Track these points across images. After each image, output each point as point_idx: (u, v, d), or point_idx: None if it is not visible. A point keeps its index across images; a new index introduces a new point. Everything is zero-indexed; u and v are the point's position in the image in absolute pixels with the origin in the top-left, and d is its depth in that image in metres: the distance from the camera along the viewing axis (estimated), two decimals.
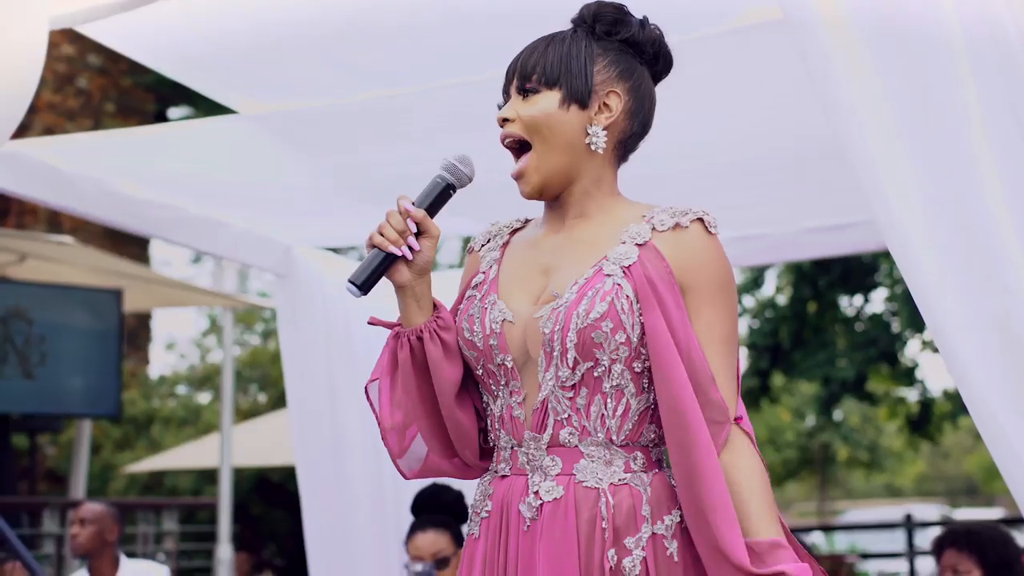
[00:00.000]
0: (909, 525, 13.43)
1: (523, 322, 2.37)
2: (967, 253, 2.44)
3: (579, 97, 2.38)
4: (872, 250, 6.60)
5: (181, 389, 18.17)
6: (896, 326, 16.20)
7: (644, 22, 2.49)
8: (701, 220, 2.35)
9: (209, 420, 15.56)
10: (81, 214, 4.86)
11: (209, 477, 14.61)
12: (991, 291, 2.41)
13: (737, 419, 2.29)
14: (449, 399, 2.40)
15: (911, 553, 13.20)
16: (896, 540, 16.11)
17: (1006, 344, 2.42)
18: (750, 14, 3.59)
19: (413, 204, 2.38)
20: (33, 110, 13.68)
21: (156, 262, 21.29)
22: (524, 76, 2.41)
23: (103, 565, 6.21)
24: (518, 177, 2.41)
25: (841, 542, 20.67)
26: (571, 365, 2.30)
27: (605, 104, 2.41)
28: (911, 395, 17.66)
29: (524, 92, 2.40)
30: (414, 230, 2.35)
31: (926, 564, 13.25)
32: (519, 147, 2.42)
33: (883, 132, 2.50)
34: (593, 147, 2.40)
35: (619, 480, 2.30)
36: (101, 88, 15.49)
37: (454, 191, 2.42)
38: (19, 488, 12.12)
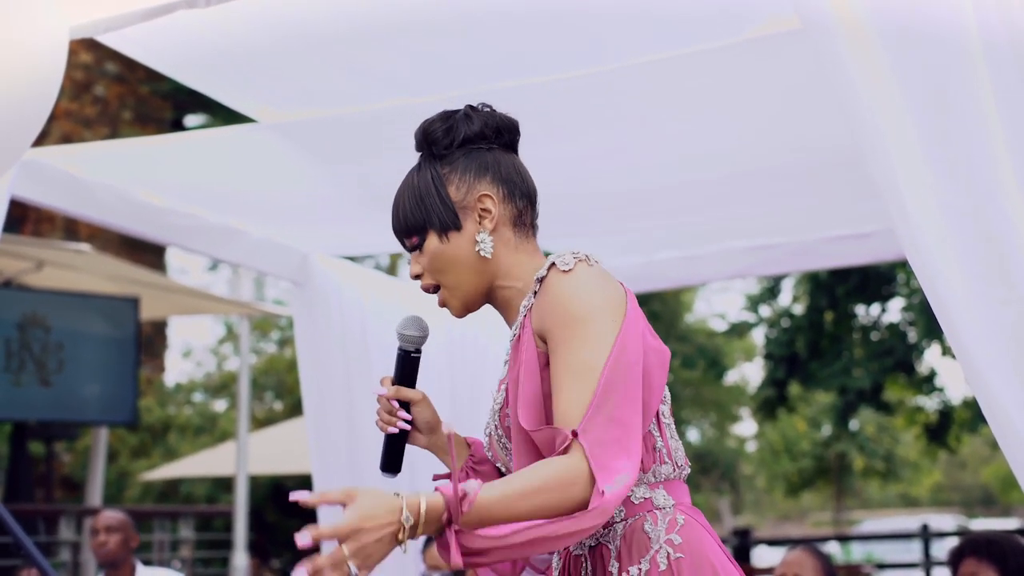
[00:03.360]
0: (926, 535, 13.37)
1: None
2: (987, 263, 2.43)
3: (450, 224, 2.45)
4: (890, 259, 6.58)
5: (197, 397, 18.24)
6: (913, 336, 16.17)
7: (468, 113, 2.53)
8: (554, 264, 2.35)
9: (225, 428, 15.61)
10: (99, 222, 4.87)
11: (225, 485, 14.64)
12: (1011, 301, 2.41)
13: (574, 432, 2.15)
14: None
15: (927, 563, 13.14)
16: (912, 550, 16.06)
17: None
18: (769, 24, 3.59)
19: (392, 381, 2.60)
20: (51, 118, 13.68)
21: (173, 270, 21.37)
22: (403, 235, 2.51)
23: (123, 573, 6.22)
24: (442, 306, 2.53)
25: (857, 552, 20.63)
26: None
27: (483, 210, 2.46)
28: (929, 404, 17.62)
29: (412, 248, 2.51)
30: (397, 407, 2.57)
31: (943, 574, 13.19)
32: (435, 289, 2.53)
33: (903, 141, 2.49)
34: (483, 253, 2.45)
35: (594, 542, 2.37)
36: (118, 96, 15.55)
37: (418, 353, 2.60)
38: (35, 495, 12.15)
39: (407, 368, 2.59)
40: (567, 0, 3.54)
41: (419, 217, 2.46)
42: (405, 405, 2.58)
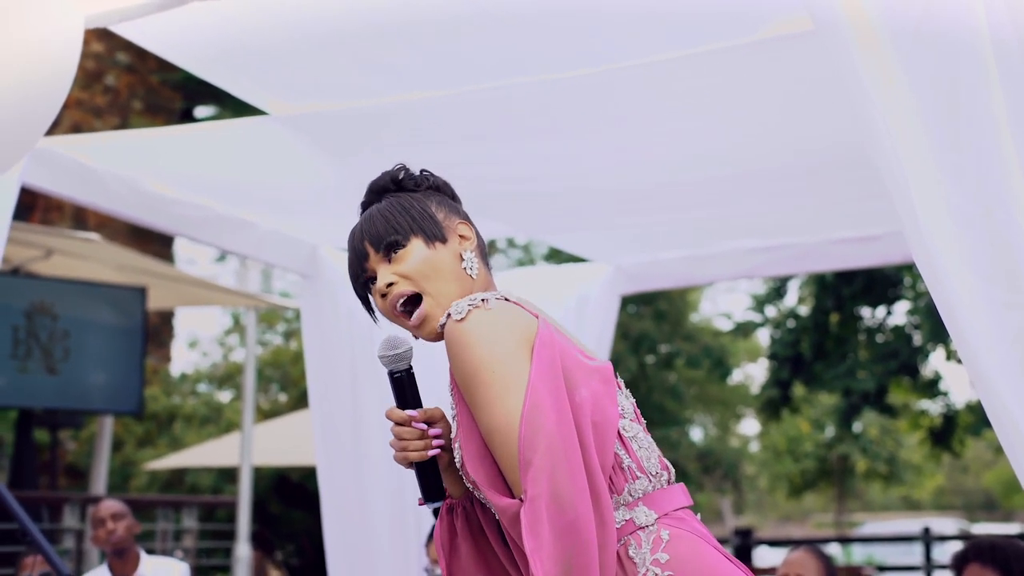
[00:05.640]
0: (927, 538, 13.37)
1: None
2: (995, 267, 2.43)
3: (437, 234, 2.43)
4: (897, 262, 6.59)
5: (203, 387, 18.25)
6: (918, 339, 16.16)
7: (422, 170, 2.56)
8: (450, 314, 2.30)
9: (230, 419, 15.63)
10: (108, 211, 4.89)
11: (229, 475, 14.67)
12: (1018, 306, 2.40)
13: (522, 495, 2.17)
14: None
15: (928, 566, 13.15)
16: (914, 553, 16.08)
17: None
18: (780, 24, 3.60)
19: (402, 409, 2.45)
20: (61, 106, 13.68)
21: (180, 260, 21.41)
22: (379, 243, 2.43)
23: (127, 561, 6.24)
24: (420, 324, 2.41)
25: (858, 554, 20.62)
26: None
27: (461, 236, 2.47)
28: (933, 407, 17.62)
29: (388, 257, 2.42)
30: (425, 427, 2.43)
31: None
32: (409, 303, 2.43)
33: (913, 143, 2.49)
34: (468, 271, 2.43)
35: None
36: (129, 85, 15.57)
37: (411, 368, 2.46)
38: (40, 483, 12.18)
39: (409, 387, 2.46)
40: (578, 0, 3.55)
41: (405, 223, 2.43)
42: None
